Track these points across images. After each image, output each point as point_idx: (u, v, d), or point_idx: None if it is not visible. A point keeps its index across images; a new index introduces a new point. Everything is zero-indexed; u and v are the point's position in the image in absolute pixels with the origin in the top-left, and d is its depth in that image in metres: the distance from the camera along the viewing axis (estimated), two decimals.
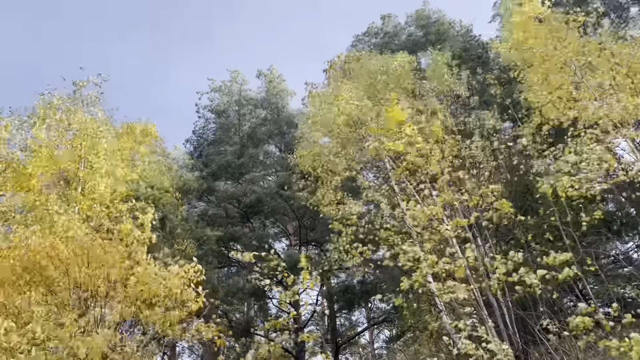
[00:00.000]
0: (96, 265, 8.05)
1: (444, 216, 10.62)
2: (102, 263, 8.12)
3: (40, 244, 7.63)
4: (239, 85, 29.77)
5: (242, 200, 24.22)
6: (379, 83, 13.89)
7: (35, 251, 7.67)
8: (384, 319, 25.20)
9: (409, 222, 12.55)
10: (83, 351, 6.62)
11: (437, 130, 9.48)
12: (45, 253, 7.57)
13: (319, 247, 26.69)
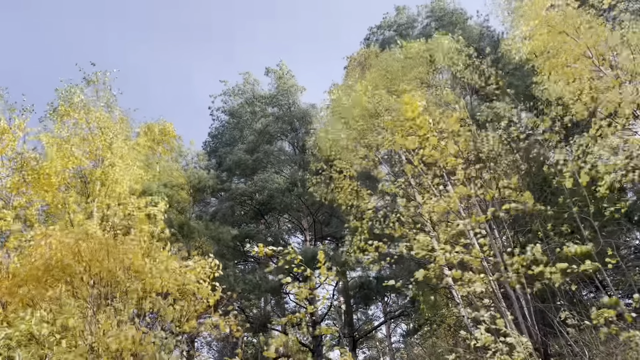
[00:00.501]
0: (115, 261, 8.14)
1: (461, 209, 10.56)
2: (120, 259, 8.21)
3: (61, 241, 7.74)
4: (251, 86, 29.99)
5: (255, 197, 24.33)
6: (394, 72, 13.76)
7: (56, 248, 7.79)
8: (400, 313, 25.16)
9: (425, 216, 12.51)
10: (114, 347, 6.73)
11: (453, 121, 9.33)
12: (68, 249, 7.69)
13: (335, 241, 26.72)
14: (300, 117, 27.96)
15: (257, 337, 21.89)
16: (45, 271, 7.99)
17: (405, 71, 14.46)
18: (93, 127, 13.45)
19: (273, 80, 30.20)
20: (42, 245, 7.87)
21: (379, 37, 25.79)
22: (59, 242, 7.85)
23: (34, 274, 8.10)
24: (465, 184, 9.40)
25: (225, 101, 29.99)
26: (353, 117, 13.19)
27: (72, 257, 7.73)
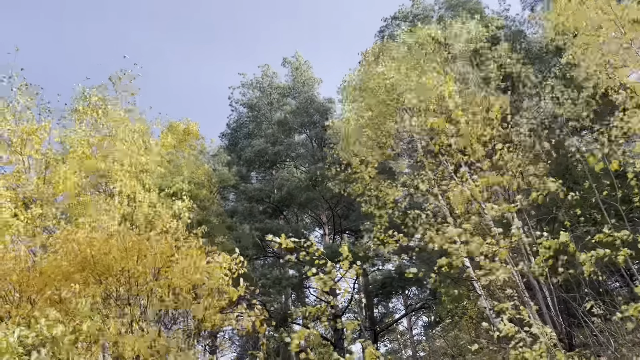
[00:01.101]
0: (138, 259, 8.24)
1: (483, 199, 10.45)
2: (143, 256, 8.30)
3: (87, 239, 7.86)
4: (269, 79, 29.89)
5: (274, 195, 24.42)
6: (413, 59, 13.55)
7: (82, 247, 7.91)
8: (421, 306, 25.12)
9: (444, 206, 12.43)
10: (129, 349, 6.80)
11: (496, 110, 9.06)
12: (93, 248, 7.80)
13: (354, 235, 26.71)
14: (318, 109, 27.85)
15: (278, 332, 21.99)
16: (76, 268, 8.12)
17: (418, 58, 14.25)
18: (111, 125, 13.62)
19: (290, 71, 30.14)
20: (68, 243, 8.00)
21: (393, 30, 25.53)
22: (84, 240, 7.97)
23: (60, 272, 8.23)
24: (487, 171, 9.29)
25: (243, 93, 29.95)
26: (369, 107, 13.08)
27: (104, 255, 7.84)
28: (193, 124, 18.49)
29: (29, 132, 12.33)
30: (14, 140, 12.42)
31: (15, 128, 12.45)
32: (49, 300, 8.11)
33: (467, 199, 10.50)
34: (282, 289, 22.54)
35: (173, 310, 10.20)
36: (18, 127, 12.51)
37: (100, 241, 8.11)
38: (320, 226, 27.36)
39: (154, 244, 8.55)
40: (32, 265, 8.44)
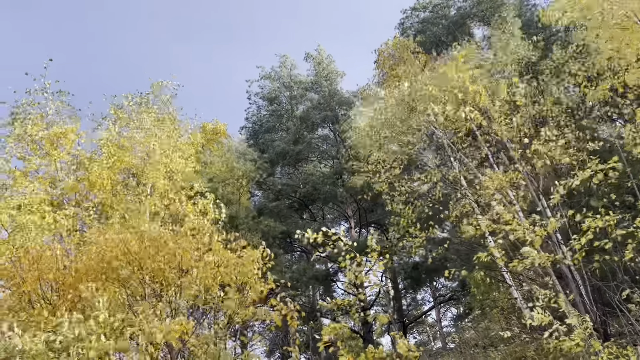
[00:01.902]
0: (167, 257, 8.34)
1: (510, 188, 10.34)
2: (172, 254, 8.40)
3: (114, 240, 7.99)
4: (288, 70, 29.59)
5: (299, 190, 24.50)
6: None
7: (109, 247, 8.04)
8: (450, 297, 24.97)
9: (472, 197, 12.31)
10: (160, 336, 6.87)
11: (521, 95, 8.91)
12: (119, 249, 7.92)
13: (379, 228, 26.65)
14: (341, 103, 27.64)
15: (307, 326, 22.12)
16: (99, 269, 8.26)
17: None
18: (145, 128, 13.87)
19: (312, 66, 29.80)
20: (98, 243, 8.14)
21: (413, 21, 25.23)
22: (111, 240, 8.10)
23: (92, 271, 8.39)
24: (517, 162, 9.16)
25: (262, 86, 29.65)
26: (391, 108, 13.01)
27: (124, 255, 7.96)
28: (222, 124, 18.78)
29: (60, 135, 12.63)
30: (46, 143, 12.74)
31: (46, 132, 12.77)
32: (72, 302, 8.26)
33: (496, 188, 10.39)
34: (310, 283, 22.65)
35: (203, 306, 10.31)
36: (49, 130, 12.84)
37: (130, 240, 8.24)
38: (346, 220, 27.34)
39: (183, 240, 8.65)
40: (68, 265, 8.63)
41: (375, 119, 13.79)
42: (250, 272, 8.69)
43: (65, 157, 12.69)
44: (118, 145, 13.11)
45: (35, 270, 8.16)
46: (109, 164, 12.48)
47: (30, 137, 12.48)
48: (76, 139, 13.18)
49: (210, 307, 9.21)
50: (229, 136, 20.14)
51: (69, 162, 12.75)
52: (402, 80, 13.10)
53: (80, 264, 8.44)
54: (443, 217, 11.75)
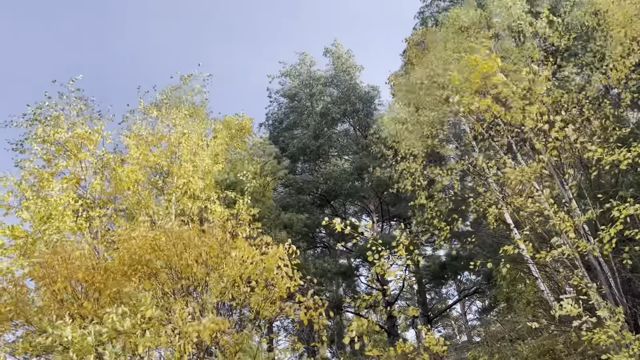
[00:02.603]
0: (195, 254, 8.45)
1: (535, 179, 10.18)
2: (199, 251, 8.50)
3: (144, 237, 8.14)
4: (307, 67, 29.54)
5: (321, 186, 24.51)
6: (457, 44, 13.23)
7: (139, 244, 8.19)
8: (475, 290, 24.75)
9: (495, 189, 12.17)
10: (194, 335, 7.00)
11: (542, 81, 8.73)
12: (149, 245, 8.06)
13: (402, 222, 26.54)
14: (361, 97, 27.47)
15: (331, 321, 22.18)
16: (130, 266, 8.41)
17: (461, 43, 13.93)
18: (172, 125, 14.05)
19: (331, 60, 29.66)
20: (127, 241, 8.29)
21: (433, 10, 24.97)
22: (141, 237, 8.24)
23: (121, 268, 8.55)
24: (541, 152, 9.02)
25: (282, 83, 29.62)
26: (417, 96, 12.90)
27: (153, 252, 8.09)
28: (247, 119, 18.85)
29: (84, 137, 12.86)
30: (69, 145, 12.98)
31: (69, 134, 13.02)
32: (109, 297, 8.45)
33: (520, 180, 10.25)
34: (333, 277, 22.70)
35: (229, 302, 10.40)
36: (73, 132, 13.09)
37: (159, 237, 8.38)
38: (368, 214, 27.29)
39: (209, 237, 8.74)
40: (97, 263, 8.79)
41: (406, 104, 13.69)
42: (275, 269, 8.74)
43: (89, 158, 12.92)
44: (145, 143, 13.29)
45: (64, 269, 8.34)
46: (135, 163, 12.66)
47: (54, 139, 12.74)
48: (100, 140, 13.39)
49: (236, 303, 9.31)
50: (254, 133, 20.28)
51: (94, 163, 12.97)
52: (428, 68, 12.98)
53: (109, 262, 8.61)
54: (466, 210, 11.62)
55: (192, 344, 7.16)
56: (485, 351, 14.77)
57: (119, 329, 6.45)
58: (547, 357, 12.89)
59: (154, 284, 8.37)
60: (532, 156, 9.92)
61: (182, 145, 13.31)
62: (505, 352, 14.02)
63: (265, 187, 19.95)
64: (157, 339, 6.85)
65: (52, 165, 12.66)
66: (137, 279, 8.41)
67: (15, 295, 7.97)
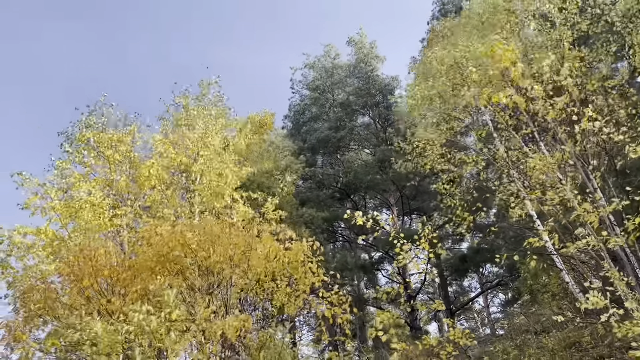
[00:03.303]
0: (220, 251, 8.51)
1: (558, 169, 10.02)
2: (225, 248, 8.55)
3: (171, 232, 8.22)
4: (331, 59, 29.33)
5: (341, 180, 24.47)
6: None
7: (165, 241, 8.27)
8: (497, 283, 24.55)
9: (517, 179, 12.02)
10: (219, 333, 7.07)
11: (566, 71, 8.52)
12: (177, 241, 8.14)
13: (422, 215, 26.40)
14: (381, 89, 27.23)
15: (353, 315, 22.17)
16: (157, 262, 8.50)
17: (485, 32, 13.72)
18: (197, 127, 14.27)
19: (353, 50, 29.41)
20: (153, 237, 8.38)
21: (454, 1, 24.62)
22: (167, 232, 8.32)
23: (147, 265, 8.64)
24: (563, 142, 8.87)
25: (305, 75, 29.49)
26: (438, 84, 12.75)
27: (181, 248, 8.16)
28: (268, 115, 18.93)
29: (117, 140, 13.19)
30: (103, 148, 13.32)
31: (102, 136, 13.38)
32: (136, 294, 8.56)
33: (543, 171, 10.10)
34: (355, 272, 22.70)
35: (252, 297, 10.47)
36: (104, 134, 13.52)
37: (177, 234, 8.45)
38: (388, 208, 27.20)
39: (234, 234, 8.79)
40: (122, 261, 8.92)
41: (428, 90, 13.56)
42: (300, 266, 8.77)
43: (119, 158, 13.22)
44: (170, 145, 13.50)
45: (90, 267, 8.48)
46: (160, 163, 12.83)
47: (89, 144, 13.19)
48: (130, 142, 13.70)
49: (260, 299, 9.37)
50: (275, 129, 20.27)
51: (122, 163, 13.24)
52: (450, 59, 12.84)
53: (133, 260, 8.73)
54: (489, 201, 11.51)
55: (217, 343, 7.22)
56: (509, 344, 14.64)
57: (146, 328, 6.53)
58: (573, 349, 12.73)
59: (180, 280, 8.46)
60: (555, 146, 9.77)
61: (207, 143, 13.45)
62: (530, 345, 13.88)
63: (285, 184, 20.02)
64: (183, 340, 6.91)
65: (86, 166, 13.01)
66: (163, 276, 8.50)
67: (44, 293, 8.14)
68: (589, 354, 11.90)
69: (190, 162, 13.39)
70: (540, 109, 8.07)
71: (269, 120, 18.54)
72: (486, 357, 13.69)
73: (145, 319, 6.50)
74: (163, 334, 6.78)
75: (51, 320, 8.08)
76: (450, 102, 12.88)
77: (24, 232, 11.10)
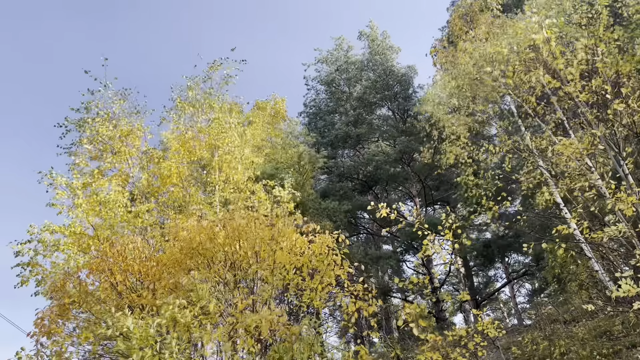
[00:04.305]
0: (246, 245, 8.55)
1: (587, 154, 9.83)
2: (251, 243, 8.59)
3: (199, 226, 8.30)
4: (344, 52, 29.07)
5: (362, 171, 24.36)
6: None
7: (192, 235, 8.35)
8: (524, 273, 24.23)
9: (544, 167, 11.83)
10: (253, 326, 7.11)
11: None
12: (206, 235, 8.21)
13: (445, 205, 26.18)
14: (399, 80, 26.91)
15: (379, 307, 22.15)
16: (186, 255, 8.58)
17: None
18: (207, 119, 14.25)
19: (366, 44, 29.13)
20: (180, 232, 8.47)
21: None
22: (195, 227, 8.40)
23: (175, 258, 8.74)
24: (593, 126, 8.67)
25: (319, 70, 29.27)
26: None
27: (209, 243, 8.22)
28: (280, 100, 18.61)
29: (127, 133, 13.25)
30: (115, 142, 13.37)
31: (114, 131, 13.40)
32: (166, 288, 8.67)
33: (570, 157, 9.91)
34: (379, 264, 22.64)
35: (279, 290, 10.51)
36: (117, 130, 13.48)
37: (206, 229, 8.52)
38: (411, 199, 27.04)
39: (260, 227, 8.82)
40: (149, 256, 9.03)
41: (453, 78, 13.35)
42: (323, 257, 8.76)
43: (134, 154, 13.29)
44: (184, 139, 13.53)
45: (121, 262, 8.62)
46: (177, 159, 12.91)
47: (100, 137, 13.17)
48: (142, 136, 13.72)
49: (288, 293, 9.40)
50: (289, 119, 20.05)
51: (140, 158, 13.32)
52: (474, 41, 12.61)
53: (161, 255, 8.84)
54: (515, 190, 11.33)
55: (251, 337, 7.27)
56: (539, 334, 14.47)
57: (180, 320, 6.60)
58: (604, 338, 12.54)
59: (210, 274, 8.52)
60: (585, 131, 9.55)
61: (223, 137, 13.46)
62: (560, 335, 13.70)
63: (305, 177, 19.97)
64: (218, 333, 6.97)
65: (102, 161, 13.09)
66: (191, 269, 8.57)
67: (77, 286, 8.30)
68: (620, 343, 11.71)
69: (209, 156, 13.37)
70: (572, 90, 7.86)
71: (281, 107, 18.27)
72: (514, 347, 13.57)
73: (180, 312, 6.59)
74: (197, 326, 6.85)
75: (86, 313, 8.25)
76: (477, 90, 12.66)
77: (52, 230, 11.33)
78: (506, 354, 13.94)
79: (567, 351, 12.14)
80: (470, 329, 8.20)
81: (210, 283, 8.31)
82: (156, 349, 5.96)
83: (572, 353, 11.86)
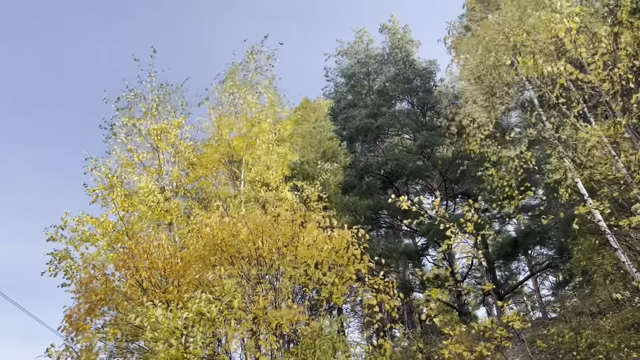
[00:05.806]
0: (268, 242, 8.60)
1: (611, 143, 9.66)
2: (273, 239, 8.64)
3: (221, 223, 8.38)
4: (364, 45, 28.94)
5: (384, 167, 24.26)
6: None
7: (214, 233, 8.43)
8: (547, 265, 23.90)
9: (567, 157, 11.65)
10: (274, 324, 7.17)
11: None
12: (229, 231, 8.28)
13: (467, 198, 25.93)
14: (419, 74, 26.76)
15: (401, 301, 22.09)
16: (209, 251, 8.67)
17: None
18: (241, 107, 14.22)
19: (387, 37, 28.98)
20: (203, 229, 8.56)
21: None
22: (216, 225, 8.47)
23: (199, 254, 8.84)
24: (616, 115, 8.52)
25: (339, 62, 29.25)
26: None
27: (232, 239, 8.29)
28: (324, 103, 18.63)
29: (165, 129, 13.38)
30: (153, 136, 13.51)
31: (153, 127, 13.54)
32: (191, 284, 8.78)
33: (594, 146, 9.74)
34: (400, 259, 22.56)
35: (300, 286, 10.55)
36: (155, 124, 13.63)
37: (229, 225, 8.59)
38: (431, 193, 26.86)
39: (279, 224, 8.87)
40: (174, 252, 9.15)
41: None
42: (343, 252, 8.77)
43: (169, 149, 13.41)
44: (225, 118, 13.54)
45: (146, 259, 8.75)
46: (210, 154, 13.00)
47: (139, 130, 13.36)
48: (179, 132, 13.85)
49: (309, 289, 9.44)
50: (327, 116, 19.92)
51: (172, 153, 13.45)
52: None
53: (185, 251, 8.94)
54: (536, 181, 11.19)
55: (272, 333, 7.33)
56: (564, 327, 14.29)
57: (206, 314, 6.69)
58: (632, 330, 12.33)
59: (234, 270, 8.60)
60: (608, 119, 9.38)
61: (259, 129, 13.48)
62: (586, 327, 13.51)
63: (337, 175, 19.96)
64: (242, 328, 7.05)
65: (134, 156, 13.25)
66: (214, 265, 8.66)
67: (104, 283, 8.45)
68: None
69: (242, 146, 13.34)
70: (594, 79, 7.73)
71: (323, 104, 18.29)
72: (539, 340, 13.42)
73: (206, 306, 6.67)
74: (221, 320, 6.93)
75: (112, 310, 8.40)
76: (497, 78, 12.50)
77: (85, 220, 11.50)
78: (531, 347, 13.79)
79: (594, 343, 11.97)
80: (494, 321, 8.13)
81: (235, 279, 8.39)
82: (181, 342, 6.05)
83: (600, 345, 11.68)
